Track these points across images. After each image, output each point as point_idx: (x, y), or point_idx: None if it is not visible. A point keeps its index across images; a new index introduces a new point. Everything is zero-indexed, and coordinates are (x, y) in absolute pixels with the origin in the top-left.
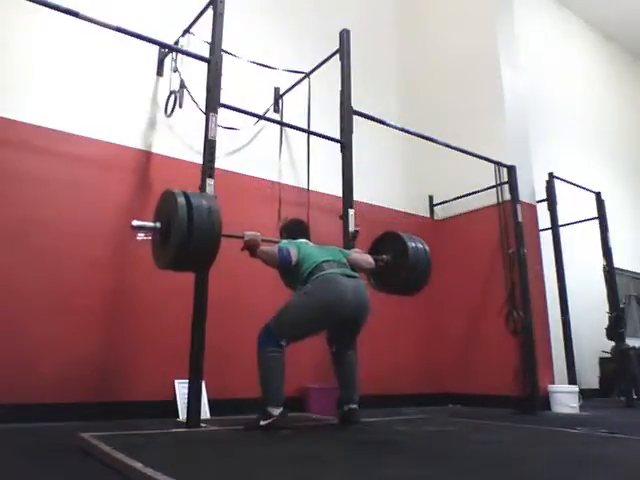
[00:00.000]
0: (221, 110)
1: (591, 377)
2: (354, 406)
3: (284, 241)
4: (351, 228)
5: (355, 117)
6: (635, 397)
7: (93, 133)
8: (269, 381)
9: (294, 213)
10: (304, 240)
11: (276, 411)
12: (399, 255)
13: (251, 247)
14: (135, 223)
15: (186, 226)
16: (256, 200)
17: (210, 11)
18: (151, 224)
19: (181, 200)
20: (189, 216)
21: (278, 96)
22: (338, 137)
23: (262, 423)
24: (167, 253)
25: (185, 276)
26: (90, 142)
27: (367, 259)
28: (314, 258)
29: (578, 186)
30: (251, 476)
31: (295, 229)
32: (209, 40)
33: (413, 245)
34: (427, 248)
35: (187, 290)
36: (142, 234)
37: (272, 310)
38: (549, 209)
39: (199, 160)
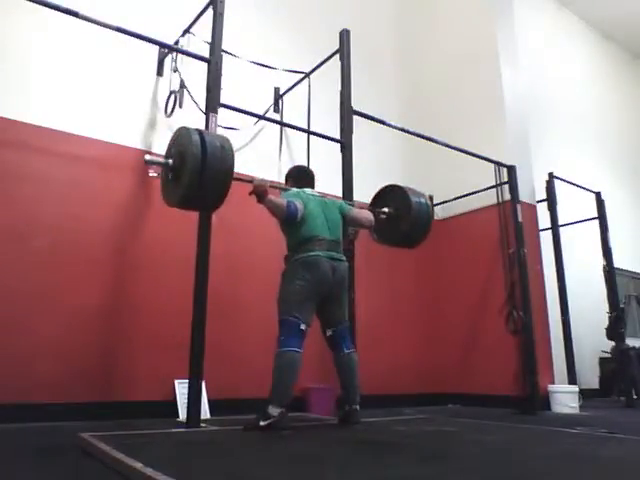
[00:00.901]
0: (221, 110)
1: (591, 377)
2: (355, 407)
3: (292, 190)
4: (351, 228)
5: (355, 117)
6: (635, 397)
7: (93, 133)
8: (279, 379)
9: None
10: (309, 191)
11: (276, 411)
12: (401, 208)
13: (259, 193)
14: (148, 158)
15: (200, 161)
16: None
17: (210, 11)
18: (163, 160)
19: (195, 137)
20: (203, 152)
21: (278, 96)
22: (338, 137)
23: (261, 423)
24: (178, 190)
25: (185, 276)
26: (90, 142)
27: (367, 216)
28: (312, 226)
29: (578, 186)
30: (251, 476)
31: (300, 177)
32: (209, 40)
33: (416, 200)
34: (429, 203)
35: (187, 290)
36: (152, 170)
37: (273, 309)
38: (549, 209)
39: None
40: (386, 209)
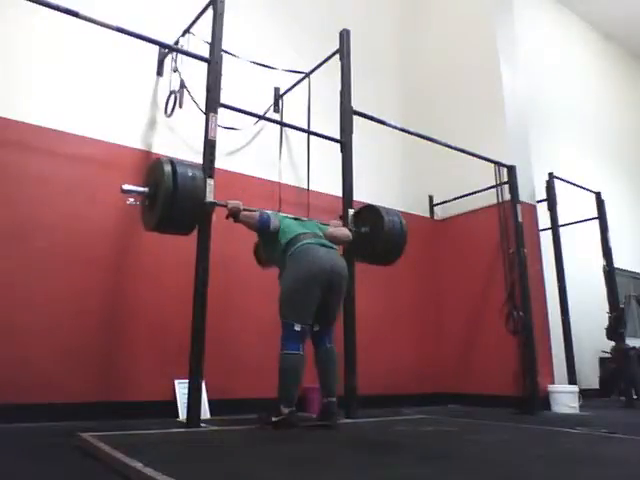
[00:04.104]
0: (221, 110)
1: (591, 377)
2: (333, 399)
3: (267, 211)
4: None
5: (355, 117)
6: (635, 397)
7: (93, 133)
8: (283, 381)
9: (294, 213)
10: (285, 214)
11: (287, 410)
12: (376, 227)
13: (234, 214)
14: (125, 187)
15: (171, 192)
16: (256, 200)
17: (210, 11)
18: (140, 189)
19: (167, 168)
20: (174, 183)
21: (278, 96)
22: (338, 137)
23: (273, 419)
24: (154, 215)
25: (185, 276)
26: (90, 142)
27: (345, 232)
28: (292, 230)
29: (578, 186)
30: (251, 476)
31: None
32: (209, 40)
33: (389, 219)
34: (403, 221)
35: (187, 290)
36: (132, 198)
37: (271, 310)
38: (549, 209)
39: (199, 160)
40: (363, 228)
